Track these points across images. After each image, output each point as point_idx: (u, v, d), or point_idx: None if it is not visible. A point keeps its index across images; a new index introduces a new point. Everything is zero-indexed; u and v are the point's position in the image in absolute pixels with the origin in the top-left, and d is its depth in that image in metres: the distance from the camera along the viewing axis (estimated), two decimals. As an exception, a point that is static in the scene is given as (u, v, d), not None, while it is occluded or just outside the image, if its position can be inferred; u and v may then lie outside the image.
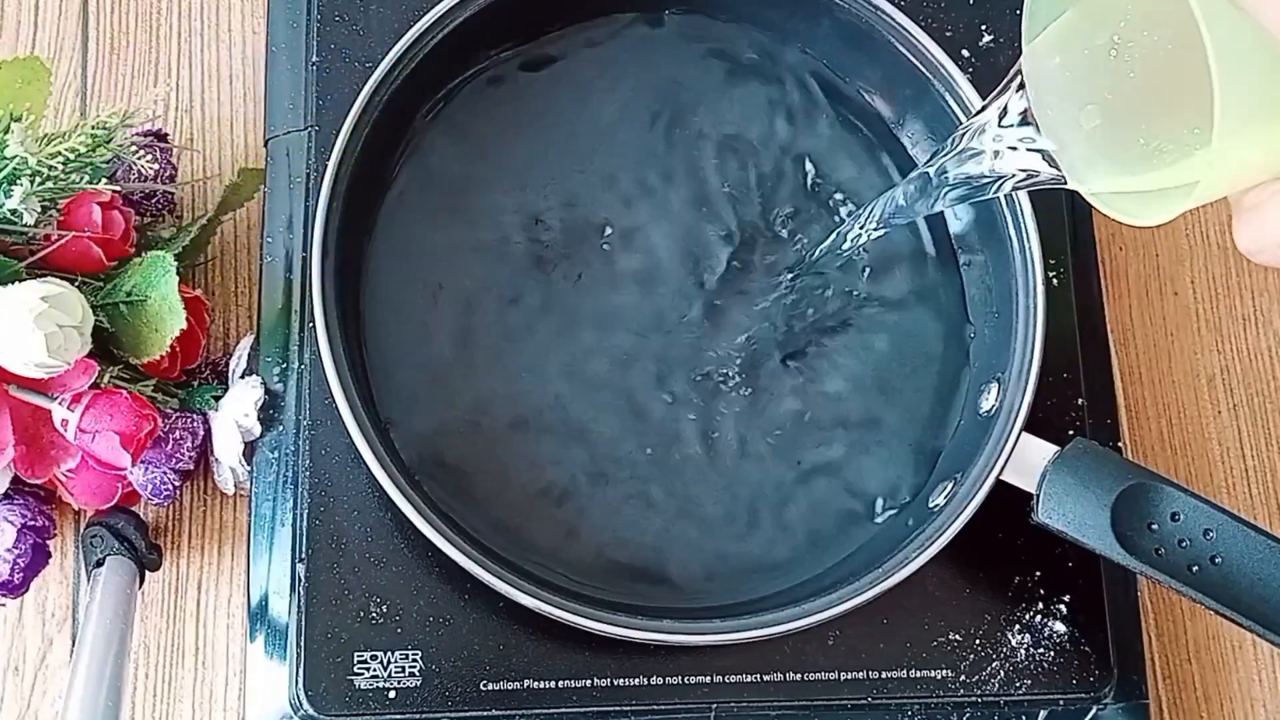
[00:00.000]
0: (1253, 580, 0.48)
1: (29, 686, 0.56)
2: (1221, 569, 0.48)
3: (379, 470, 0.50)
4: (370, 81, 0.55)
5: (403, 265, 0.57)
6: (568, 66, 0.60)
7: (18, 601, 0.56)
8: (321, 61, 0.58)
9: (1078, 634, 0.55)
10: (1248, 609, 0.48)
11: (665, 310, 0.57)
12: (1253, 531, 0.48)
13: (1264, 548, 0.48)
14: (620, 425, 0.56)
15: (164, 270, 0.51)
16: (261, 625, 0.54)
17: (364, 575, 0.52)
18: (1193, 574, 0.48)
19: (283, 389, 0.55)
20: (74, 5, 0.64)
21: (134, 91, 0.63)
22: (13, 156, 0.50)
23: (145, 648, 0.57)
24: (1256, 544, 0.48)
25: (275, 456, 0.55)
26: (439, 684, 0.52)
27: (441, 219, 0.58)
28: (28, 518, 0.53)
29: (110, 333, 0.52)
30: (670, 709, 0.53)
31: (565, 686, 0.52)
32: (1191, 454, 0.64)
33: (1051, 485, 0.50)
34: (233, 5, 0.64)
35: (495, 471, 0.55)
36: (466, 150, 0.59)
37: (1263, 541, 0.48)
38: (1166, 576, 0.48)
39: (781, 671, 0.53)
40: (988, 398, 0.56)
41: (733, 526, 0.56)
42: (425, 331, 0.56)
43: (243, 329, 0.60)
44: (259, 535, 0.54)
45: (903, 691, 0.54)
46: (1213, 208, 0.67)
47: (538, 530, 0.54)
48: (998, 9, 0.62)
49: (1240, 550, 0.48)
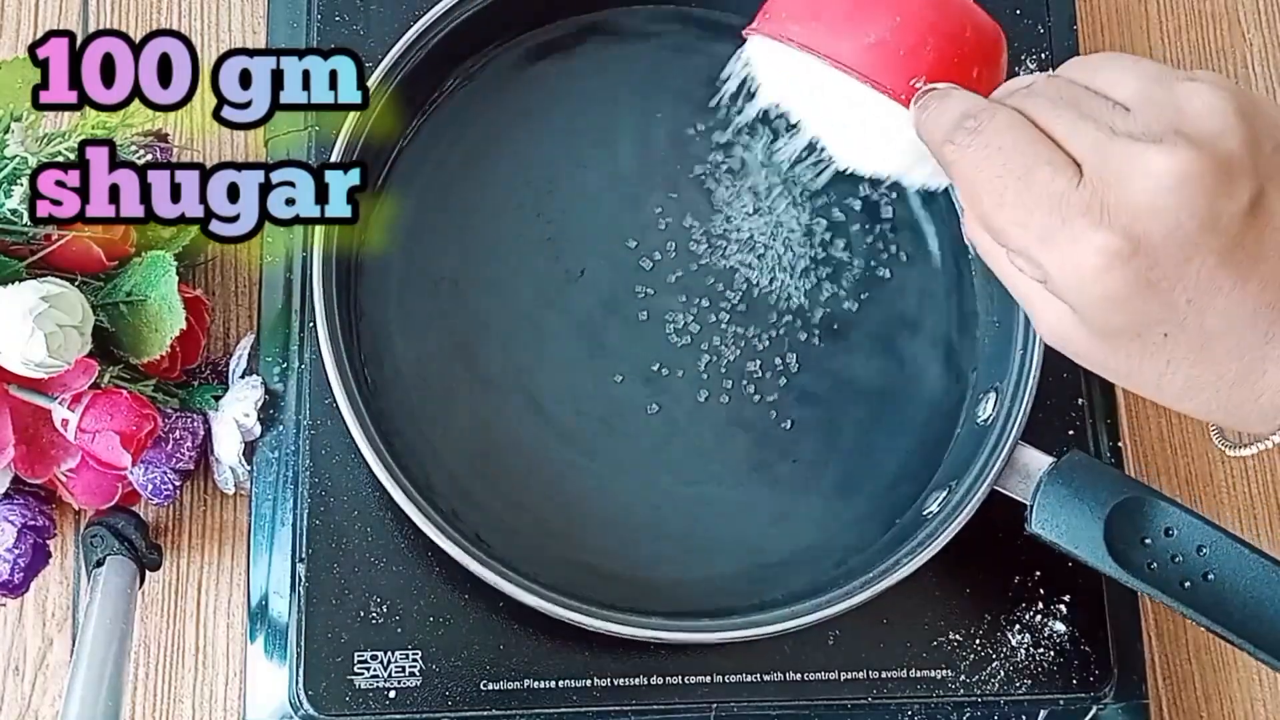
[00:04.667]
0: (1245, 598, 0.47)
1: (29, 686, 0.56)
2: (1214, 586, 0.47)
3: (380, 469, 0.50)
4: (370, 81, 0.55)
5: (404, 264, 0.57)
6: (571, 60, 0.60)
7: (18, 601, 0.56)
8: (321, 61, 0.58)
9: (1078, 634, 0.55)
10: (1239, 626, 0.47)
11: (672, 315, 0.57)
12: (1246, 549, 0.47)
13: (1257, 565, 0.47)
14: (623, 425, 0.56)
15: (164, 270, 0.51)
16: (261, 625, 0.54)
17: (364, 575, 0.52)
18: (1185, 590, 0.48)
19: (283, 389, 0.55)
20: (74, 5, 0.64)
21: (134, 91, 0.63)
22: (13, 156, 0.50)
23: (145, 648, 0.57)
24: (1249, 562, 0.47)
25: (275, 456, 0.55)
26: (439, 684, 0.52)
27: (443, 217, 0.58)
28: (28, 518, 0.53)
29: (110, 333, 0.52)
30: (670, 709, 0.53)
31: (565, 686, 0.52)
32: (1192, 454, 0.64)
33: (1045, 496, 0.50)
34: (233, 5, 0.64)
35: (496, 471, 0.55)
36: (467, 148, 0.59)
37: (1256, 559, 0.47)
38: (1159, 592, 0.48)
39: (781, 671, 0.53)
40: (985, 406, 0.55)
41: (736, 528, 0.56)
42: (427, 329, 0.56)
43: (243, 329, 0.60)
44: (259, 535, 0.54)
45: (903, 691, 0.54)
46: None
47: (539, 529, 0.54)
48: (998, 9, 0.61)
49: (1233, 567, 0.47)
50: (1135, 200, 0.36)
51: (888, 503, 0.56)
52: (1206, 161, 0.36)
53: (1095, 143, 0.38)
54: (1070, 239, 0.37)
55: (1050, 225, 0.38)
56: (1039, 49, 0.61)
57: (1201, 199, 0.36)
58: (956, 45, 0.45)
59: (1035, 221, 0.38)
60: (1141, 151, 0.37)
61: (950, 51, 0.45)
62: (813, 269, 0.59)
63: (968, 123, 0.40)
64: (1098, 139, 0.38)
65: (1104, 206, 0.37)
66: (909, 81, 0.44)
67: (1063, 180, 0.38)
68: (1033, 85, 0.41)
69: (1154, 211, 0.36)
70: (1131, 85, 0.39)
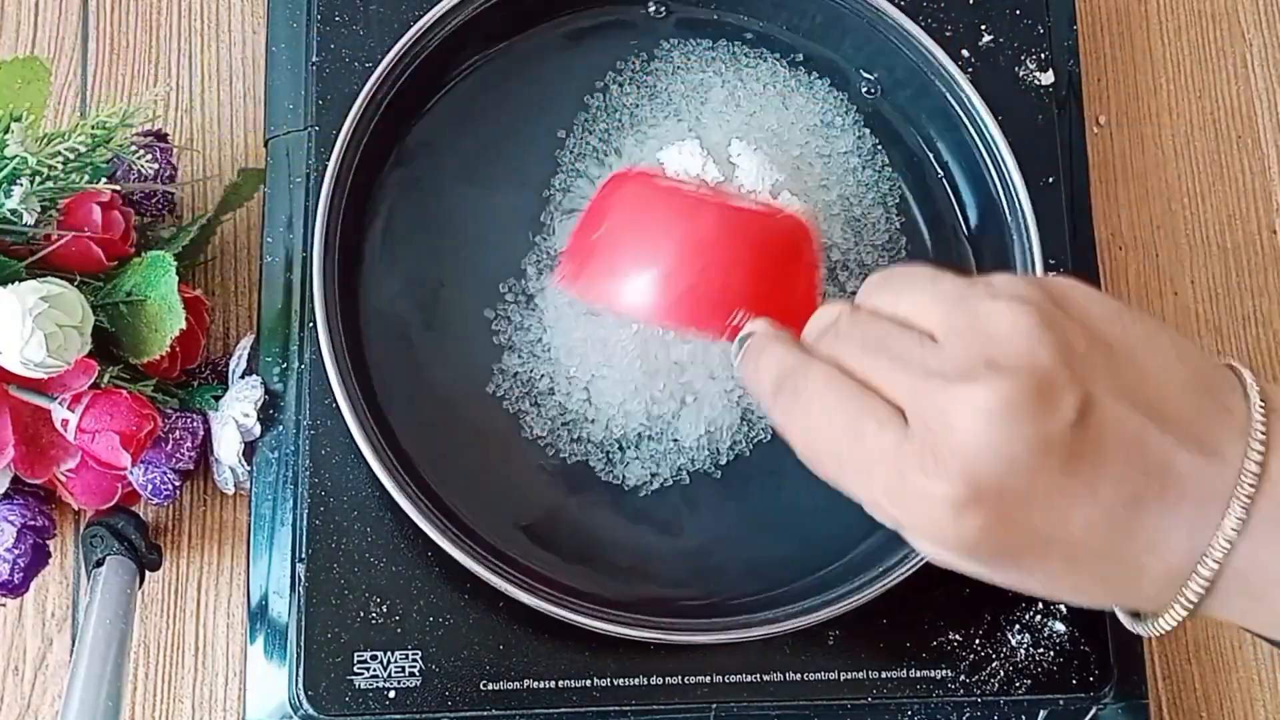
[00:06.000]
0: None
1: (29, 686, 0.56)
2: None
3: (380, 469, 0.50)
4: (370, 81, 0.55)
5: (404, 264, 0.57)
6: (570, 59, 0.60)
7: (18, 601, 0.56)
8: (321, 61, 0.58)
9: (1078, 634, 0.55)
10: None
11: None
12: None
13: None
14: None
15: (164, 270, 0.51)
16: (261, 625, 0.53)
17: (364, 575, 0.52)
18: None
19: (283, 389, 0.55)
20: (74, 5, 0.64)
21: (134, 91, 0.63)
22: (13, 156, 0.50)
23: (145, 648, 0.57)
24: None
25: (275, 456, 0.55)
26: (439, 684, 0.52)
27: (443, 218, 0.58)
28: (28, 518, 0.53)
29: (110, 333, 0.52)
30: (670, 709, 0.53)
31: (565, 686, 0.52)
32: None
33: None
34: (233, 5, 0.64)
35: (497, 470, 0.55)
36: (467, 148, 0.59)
37: None
38: None
39: (781, 671, 0.53)
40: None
41: (739, 528, 0.56)
42: (427, 329, 0.56)
43: (243, 329, 0.60)
44: (259, 535, 0.54)
45: (903, 691, 0.54)
46: (1212, 208, 0.67)
47: (543, 527, 0.55)
48: (998, 9, 0.62)
49: None
50: (963, 443, 0.36)
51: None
52: (1022, 387, 0.36)
53: (911, 389, 0.37)
54: (914, 494, 0.37)
55: (891, 482, 0.37)
56: (1039, 49, 0.61)
57: (1028, 425, 0.36)
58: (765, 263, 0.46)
59: (877, 480, 0.38)
60: (957, 392, 0.36)
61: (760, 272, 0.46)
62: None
63: (786, 384, 0.40)
64: (913, 385, 0.37)
65: (936, 455, 0.36)
66: (726, 321, 0.45)
67: (889, 434, 0.37)
68: (838, 325, 0.41)
69: (984, 450, 0.36)
70: (934, 314, 0.39)
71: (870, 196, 0.60)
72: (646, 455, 0.56)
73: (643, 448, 0.56)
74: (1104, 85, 0.68)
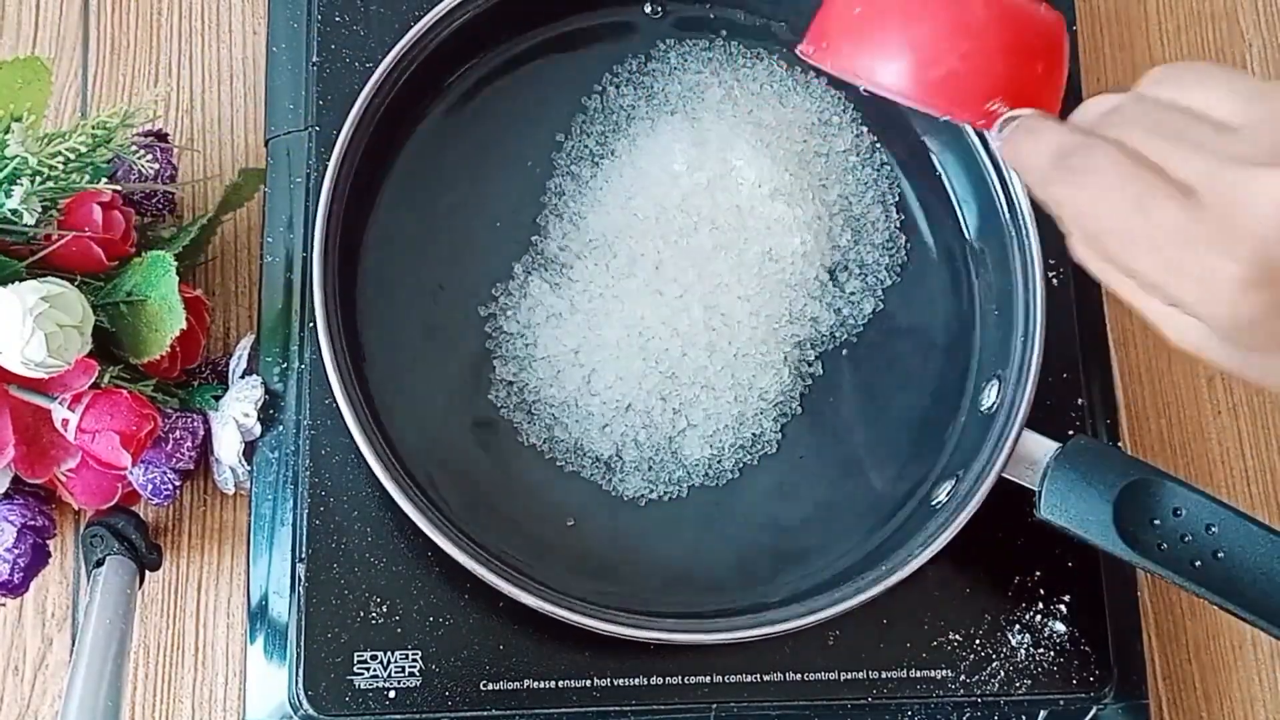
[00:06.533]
0: (1255, 574, 0.48)
1: (29, 686, 0.56)
2: (1224, 563, 0.48)
3: (380, 469, 0.50)
4: (370, 81, 0.55)
5: (403, 265, 0.57)
6: (569, 61, 0.60)
7: (18, 601, 0.56)
8: (321, 61, 0.58)
9: (1078, 634, 0.55)
10: (1250, 603, 0.48)
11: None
12: (1254, 526, 0.48)
13: (1266, 542, 0.48)
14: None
15: (164, 270, 0.51)
16: (261, 625, 0.53)
17: (364, 575, 0.52)
18: (1195, 569, 0.48)
19: (283, 389, 0.55)
20: (74, 5, 0.64)
21: (134, 91, 0.63)
22: (13, 156, 0.50)
23: (145, 648, 0.57)
24: (1258, 538, 0.48)
25: (275, 456, 0.55)
26: (439, 684, 0.52)
27: (443, 218, 0.58)
28: (28, 518, 0.53)
29: (110, 333, 0.52)
30: (670, 709, 0.53)
31: (565, 686, 0.52)
32: (1191, 454, 0.64)
33: (1053, 481, 0.50)
34: (233, 5, 0.64)
35: (497, 470, 0.55)
36: (467, 149, 0.59)
37: (1265, 536, 0.48)
38: (1170, 572, 0.48)
39: (781, 671, 0.53)
40: (989, 395, 0.56)
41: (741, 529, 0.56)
42: (426, 331, 0.56)
43: (243, 329, 0.60)
44: (259, 535, 0.54)
45: (903, 691, 0.54)
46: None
47: (542, 529, 0.55)
48: (997, 9, 0.62)
49: (1242, 544, 0.48)
50: (1260, 226, 0.36)
51: (891, 494, 0.57)
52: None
53: (1208, 170, 0.37)
54: (1201, 271, 0.37)
55: (1179, 258, 0.38)
56: (1039, 49, 0.61)
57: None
58: (1025, 55, 0.45)
59: (1160, 254, 0.38)
60: (1257, 175, 0.36)
61: (1020, 63, 0.44)
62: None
63: (1068, 161, 0.40)
64: (1209, 166, 0.37)
65: (1229, 235, 0.37)
66: (984, 107, 0.44)
67: (1181, 211, 0.37)
68: (1121, 109, 0.41)
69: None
70: (1231, 105, 0.39)
71: (869, 195, 0.60)
72: (645, 464, 0.56)
73: (641, 456, 0.56)
74: (1104, 85, 0.68)
